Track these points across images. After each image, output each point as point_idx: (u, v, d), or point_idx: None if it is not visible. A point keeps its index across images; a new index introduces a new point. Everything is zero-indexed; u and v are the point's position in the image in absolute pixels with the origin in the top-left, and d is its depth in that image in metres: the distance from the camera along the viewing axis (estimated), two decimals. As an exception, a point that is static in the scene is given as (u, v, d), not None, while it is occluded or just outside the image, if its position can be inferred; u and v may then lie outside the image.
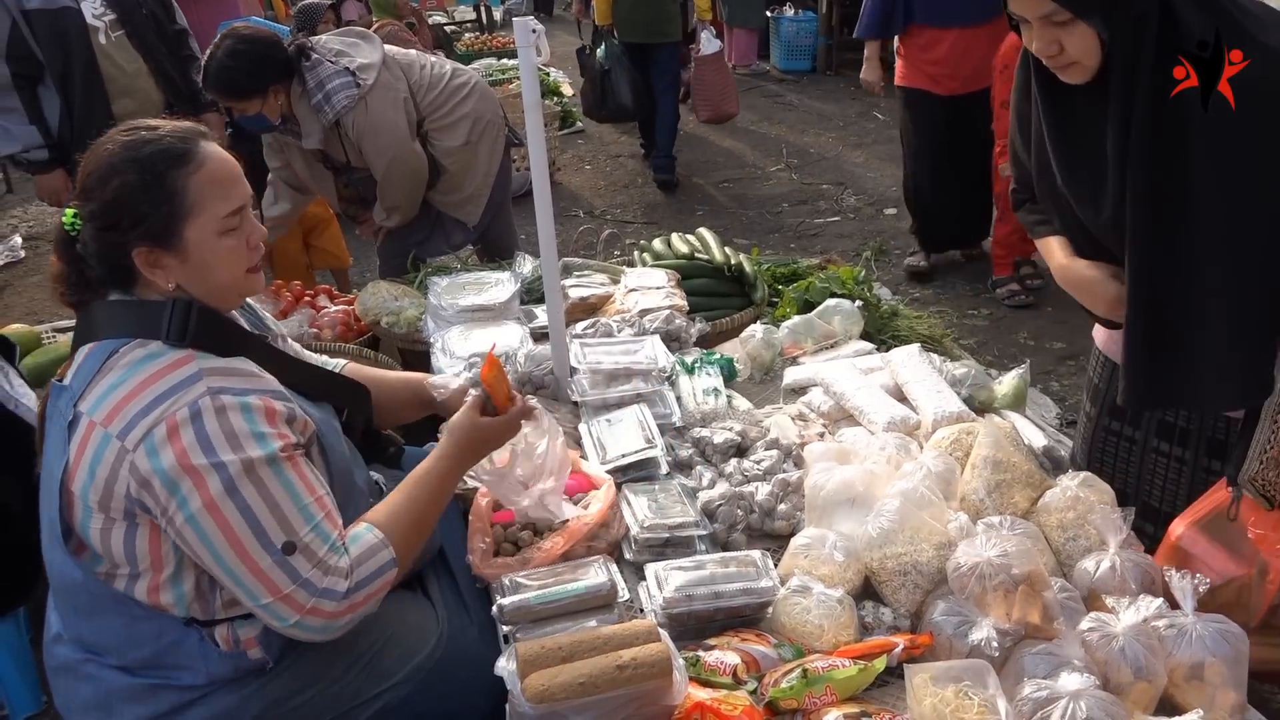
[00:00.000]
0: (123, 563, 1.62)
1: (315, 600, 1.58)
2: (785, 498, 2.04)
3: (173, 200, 1.62)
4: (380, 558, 1.67)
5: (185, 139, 1.66)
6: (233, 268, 1.70)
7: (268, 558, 1.56)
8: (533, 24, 2.15)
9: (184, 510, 1.54)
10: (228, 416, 1.56)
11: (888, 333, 3.16)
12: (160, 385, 1.56)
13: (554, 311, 2.43)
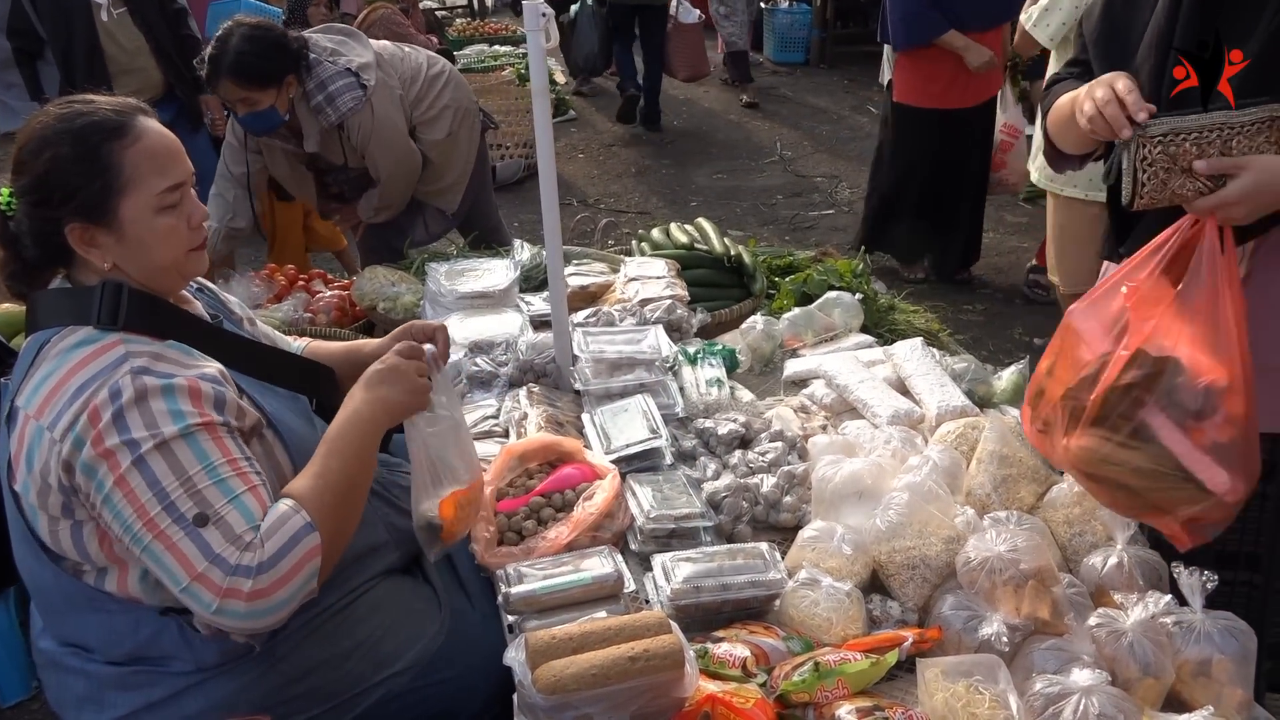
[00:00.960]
0: (81, 559, 1.59)
1: (230, 580, 1.47)
2: (790, 490, 2.03)
3: (106, 174, 1.56)
4: (291, 525, 1.53)
5: (122, 112, 1.61)
6: (172, 247, 1.64)
7: (178, 530, 1.47)
8: (543, 7, 2.12)
9: (99, 492, 1.49)
10: (147, 398, 1.50)
11: (885, 326, 3.16)
12: (86, 372, 1.52)
13: (557, 299, 2.41)
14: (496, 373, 2.47)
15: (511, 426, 2.25)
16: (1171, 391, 1.58)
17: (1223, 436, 1.56)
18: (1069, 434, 1.68)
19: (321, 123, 3.49)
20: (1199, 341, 1.58)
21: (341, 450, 1.65)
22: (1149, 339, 1.60)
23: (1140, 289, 1.64)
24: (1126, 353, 1.61)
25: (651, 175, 7.22)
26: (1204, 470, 1.57)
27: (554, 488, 2.00)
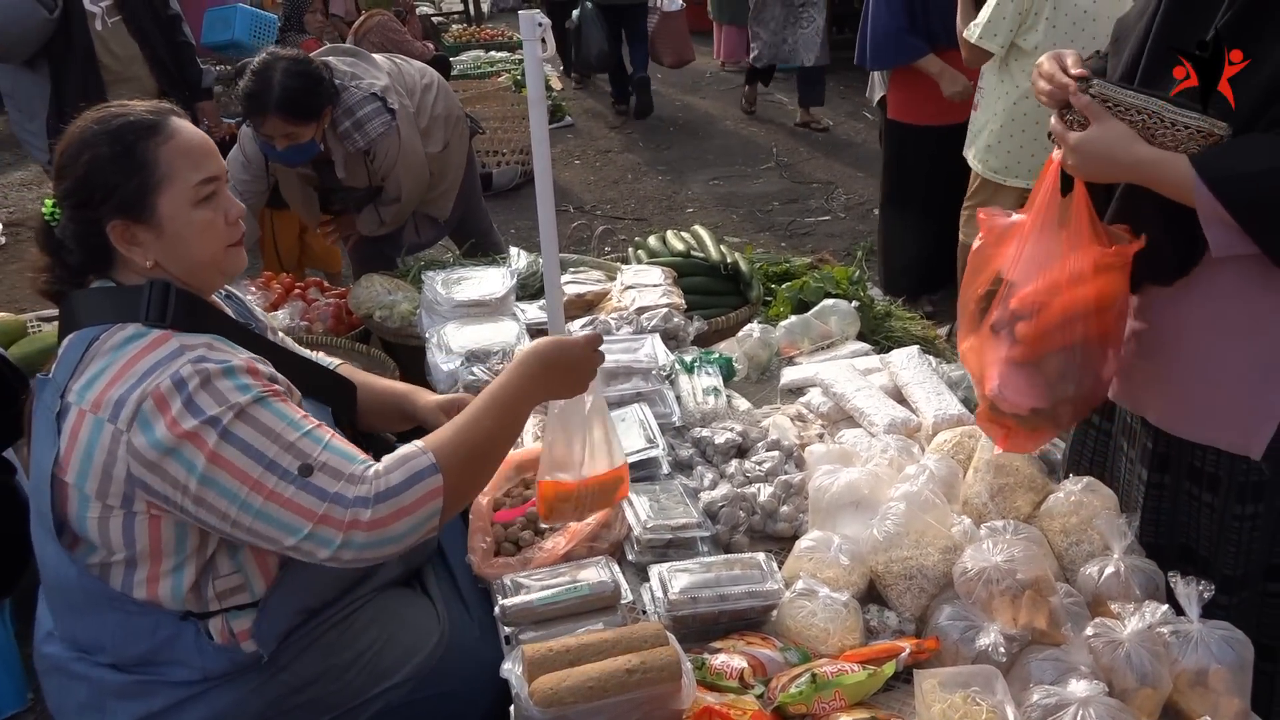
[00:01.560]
0: (120, 550, 1.60)
1: (352, 511, 1.52)
2: (787, 499, 2.03)
3: (143, 170, 1.61)
4: (415, 463, 1.57)
5: (155, 112, 1.67)
6: (210, 242, 1.68)
7: (290, 486, 1.52)
8: (539, 17, 2.12)
9: (194, 474, 1.51)
10: (212, 380, 1.54)
11: (881, 333, 3.16)
12: (144, 364, 1.55)
13: (554, 307, 2.40)
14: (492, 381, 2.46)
15: (508, 436, 2.24)
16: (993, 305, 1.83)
17: (1013, 354, 1.81)
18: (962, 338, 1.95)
19: (348, 148, 3.48)
20: (1021, 268, 1.80)
21: (492, 410, 1.68)
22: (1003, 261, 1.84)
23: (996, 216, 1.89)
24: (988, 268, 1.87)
25: (648, 181, 7.22)
26: (987, 374, 1.85)
27: (551, 498, 1.99)
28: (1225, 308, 1.77)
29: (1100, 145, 1.69)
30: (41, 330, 3.46)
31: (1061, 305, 1.74)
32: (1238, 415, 1.80)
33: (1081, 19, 3.67)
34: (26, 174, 7.19)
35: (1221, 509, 1.87)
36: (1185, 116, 1.63)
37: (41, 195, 6.55)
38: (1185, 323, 1.82)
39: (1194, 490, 1.90)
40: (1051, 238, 1.77)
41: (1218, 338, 1.79)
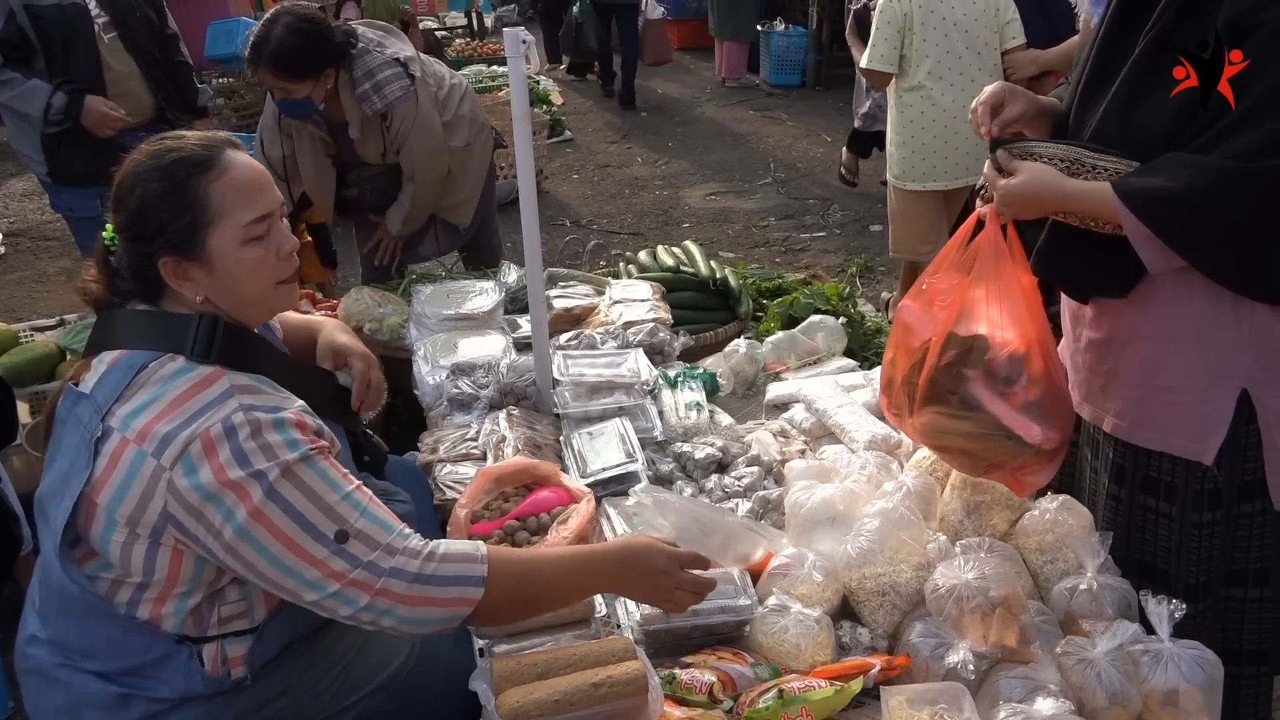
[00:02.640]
0: (137, 575, 1.59)
1: (384, 580, 1.52)
2: (765, 515, 2.04)
3: (194, 208, 1.60)
4: (470, 568, 1.56)
5: (209, 146, 1.65)
6: (260, 280, 1.67)
7: (323, 549, 1.52)
8: (523, 34, 2.15)
9: (231, 523, 1.51)
10: (261, 430, 1.53)
11: (870, 349, 3.17)
12: (193, 403, 1.54)
13: (538, 323, 2.43)
14: (477, 395, 2.47)
15: (490, 449, 2.25)
16: (984, 364, 1.81)
17: (1031, 395, 1.81)
18: (913, 413, 1.90)
19: (365, 110, 3.50)
20: (997, 319, 1.82)
21: (561, 564, 1.65)
22: (956, 323, 1.83)
23: (938, 284, 1.90)
24: (937, 339, 1.84)
25: (645, 196, 7.25)
26: (1020, 427, 1.80)
27: (529, 511, 2.00)
28: (1171, 314, 1.81)
29: (1029, 189, 1.79)
30: (34, 340, 3.47)
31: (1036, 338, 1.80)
32: (1189, 421, 1.83)
33: (952, 31, 4.02)
34: (27, 184, 7.22)
35: (1180, 518, 1.89)
36: (1104, 160, 1.74)
37: (41, 205, 6.58)
38: (1135, 331, 1.86)
39: (1149, 502, 1.92)
40: (1001, 282, 1.83)
41: (1166, 344, 1.83)
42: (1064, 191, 1.76)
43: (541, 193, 7.17)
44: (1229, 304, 1.76)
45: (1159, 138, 1.70)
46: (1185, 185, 1.63)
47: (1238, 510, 1.88)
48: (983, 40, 4.09)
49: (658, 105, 9.65)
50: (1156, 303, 1.81)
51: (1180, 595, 1.87)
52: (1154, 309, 1.82)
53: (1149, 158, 1.71)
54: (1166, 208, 1.65)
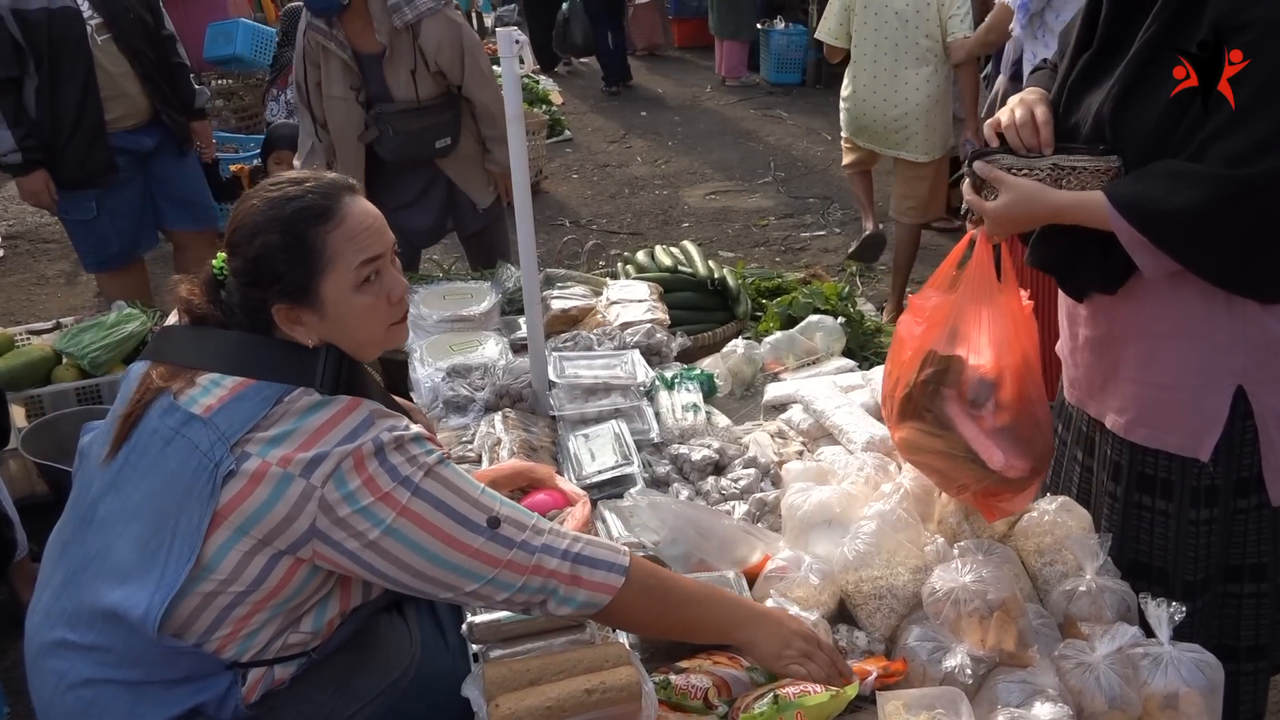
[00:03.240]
0: (243, 584, 1.57)
1: (538, 557, 1.58)
2: (762, 517, 2.02)
3: (310, 258, 1.60)
4: (614, 555, 1.63)
5: (329, 194, 1.64)
6: (372, 325, 1.68)
7: (478, 538, 1.56)
8: (516, 34, 2.13)
9: (380, 526, 1.53)
10: (405, 446, 1.58)
11: (870, 349, 3.16)
12: (341, 429, 1.56)
13: (533, 324, 2.41)
14: (473, 397, 2.46)
15: (485, 452, 2.24)
16: (959, 384, 1.80)
17: (999, 421, 1.79)
18: (895, 426, 1.91)
19: (395, 22, 3.51)
20: (976, 341, 1.80)
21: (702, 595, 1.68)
22: (937, 341, 1.82)
23: (924, 302, 1.88)
24: (915, 356, 1.83)
25: (645, 195, 7.23)
26: (984, 450, 1.78)
27: (524, 514, 1.99)
28: (1164, 311, 1.80)
29: (1017, 208, 1.77)
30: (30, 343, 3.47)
31: (1013, 365, 1.79)
32: (1184, 417, 1.83)
33: (892, 19, 4.44)
34: (27, 186, 7.22)
35: (1177, 515, 1.89)
36: (1081, 160, 1.74)
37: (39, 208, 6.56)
38: (1131, 327, 1.86)
39: (1145, 500, 1.92)
40: (987, 306, 1.81)
41: (1161, 341, 1.82)
42: (1054, 205, 1.75)
43: (541, 193, 7.18)
44: (1222, 301, 1.75)
45: (1149, 139, 1.69)
46: (1185, 201, 1.61)
47: (1234, 506, 1.88)
48: (922, 31, 4.40)
49: (657, 104, 9.63)
50: (1150, 299, 1.80)
51: (1178, 593, 1.87)
52: (1148, 306, 1.81)
53: (1141, 159, 1.69)
54: (1164, 221, 1.64)
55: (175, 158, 4.11)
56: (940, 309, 1.84)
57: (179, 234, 4.39)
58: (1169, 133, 1.68)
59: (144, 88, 3.86)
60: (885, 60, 4.48)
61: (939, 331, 1.82)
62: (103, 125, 3.70)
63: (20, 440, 3.07)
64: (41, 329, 3.69)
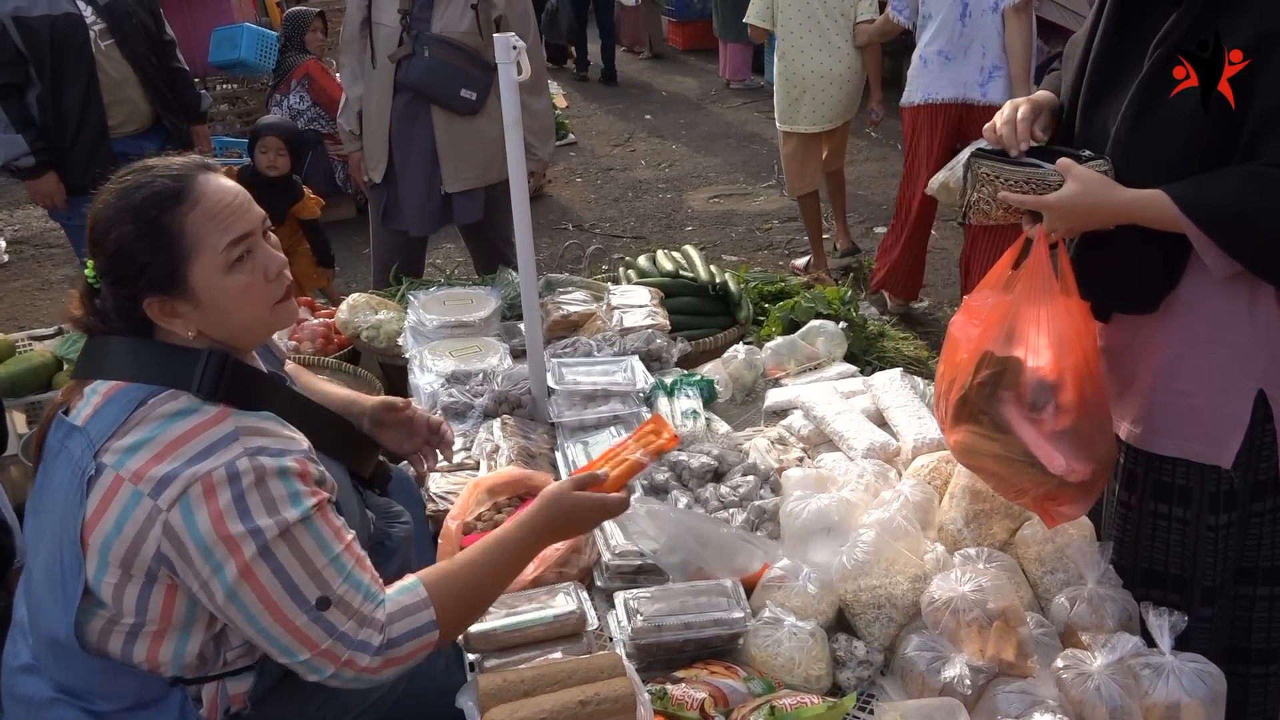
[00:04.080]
0: (130, 615, 1.55)
1: (351, 653, 1.50)
2: (761, 525, 2.01)
3: (171, 244, 1.53)
4: (418, 618, 1.55)
5: (179, 177, 1.56)
6: (251, 306, 1.60)
7: (303, 616, 1.48)
8: (513, 40, 2.12)
9: (220, 579, 1.47)
10: (265, 479, 1.49)
11: (873, 354, 3.14)
12: (196, 444, 1.49)
13: (532, 331, 2.41)
14: (472, 403, 2.45)
15: (483, 459, 2.23)
16: (1017, 387, 1.74)
17: (1059, 424, 1.72)
18: (950, 429, 1.85)
19: None
20: (1035, 343, 1.74)
21: (501, 561, 1.64)
22: (994, 342, 1.77)
23: (980, 303, 1.84)
24: (970, 359, 1.78)
25: (648, 199, 7.22)
26: (1045, 455, 1.72)
27: (522, 522, 1.98)
28: (1188, 319, 1.79)
29: (1084, 200, 1.70)
30: (31, 349, 3.46)
31: (1073, 366, 1.73)
32: (1207, 424, 1.81)
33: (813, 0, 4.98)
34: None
35: (1195, 521, 1.87)
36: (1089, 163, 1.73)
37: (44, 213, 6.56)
38: (1151, 337, 1.84)
39: (1160, 509, 1.90)
40: (1046, 305, 1.75)
41: (1183, 349, 1.81)
42: (1120, 202, 1.70)
43: (544, 196, 7.17)
44: (1245, 305, 1.75)
45: (1177, 153, 1.68)
46: (1257, 201, 1.61)
47: (1250, 509, 1.87)
48: (839, 11, 5.02)
49: (661, 107, 9.62)
50: (1176, 308, 1.79)
51: (1197, 600, 1.85)
52: (1173, 315, 1.80)
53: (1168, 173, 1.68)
54: (1232, 224, 1.64)
55: None
56: (997, 309, 1.78)
57: None
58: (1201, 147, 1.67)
59: (146, 93, 3.87)
60: (810, 37, 5.03)
61: (995, 332, 1.77)
62: (105, 130, 3.71)
63: (20, 446, 3.06)
64: (43, 335, 3.68)
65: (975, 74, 4.37)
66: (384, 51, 3.77)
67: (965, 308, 1.88)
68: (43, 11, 3.56)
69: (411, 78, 3.77)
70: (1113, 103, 1.77)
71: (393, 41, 3.76)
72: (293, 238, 4.59)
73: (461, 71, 3.72)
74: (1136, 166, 1.71)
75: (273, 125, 4.53)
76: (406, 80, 3.78)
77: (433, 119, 3.83)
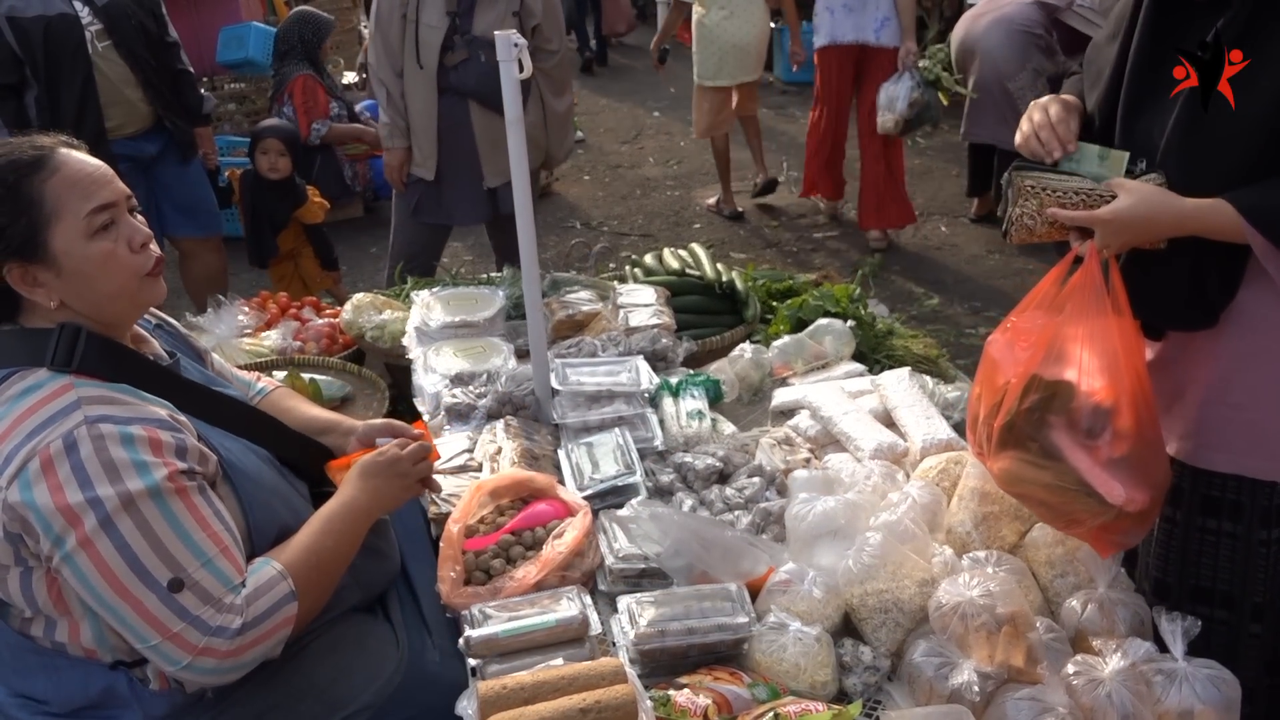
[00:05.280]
0: (26, 607, 1.55)
1: (207, 640, 1.48)
2: (767, 528, 1.98)
3: (30, 209, 1.55)
4: (277, 591, 1.58)
5: (40, 147, 1.61)
6: (114, 273, 1.61)
7: (152, 596, 1.47)
8: (515, 38, 2.10)
9: (60, 550, 1.46)
10: (106, 447, 1.47)
11: (882, 352, 3.11)
12: (37, 417, 1.49)
13: (535, 331, 2.38)
14: (475, 404, 2.43)
15: (486, 460, 2.21)
16: (1069, 412, 1.66)
17: (1116, 451, 1.65)
18: (993, 456, 1.76)
19: None
20: (1087, 365, 1.66)
21: (336, 530, 1.72)
22: (1042, 365, 1.68)
23: (1024, 323, 1.75)
24: (1018, 382, 1.69)
25: (656, 197, 7.20)
26: (1102, 484, 1.64)
27: (524, 525, 1.96)
28: (1247, 331, 1.74)
29: (1139, 212, 1.64)
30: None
31: (1129, 390, 1.66)
32: (1265, 440, 1.77)
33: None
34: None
35: (1245, 536, 1.83)
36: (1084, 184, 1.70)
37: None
38: (1202, 353, 1.79)
39: (1209, 524, 1.86)
40: (1097, 326, 1.68)
41: (1239, 362, 1.76)
42: (1180, 212, 1.63)
43: (552, 194, 7.15)
44: None
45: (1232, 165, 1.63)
46: None
47: None
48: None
49: (670, 104, 9.58)
50: (1233, 322, 1.74)
51: (1248, 616, 1.83)
52: (1229, 328, 1.75)
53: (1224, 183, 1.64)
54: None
55: (179, 164, 4.10)
56: (1045, 331, 1.70)
57: (184, 241, 4.38)
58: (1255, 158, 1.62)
59: (145, 94, 3.86)
60: (733, 7, 5.97)
61: (1044, 355, 1.68)
62: (103, 132, 3.70)
63: None
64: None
65: (872, 22, 5.50)
66: (428, 52, 3.79)
67: (1012, 329, 1.79)
68: (37, 12, 3.56)
69: (468, 82, 3.83)
70: (1157, 113, 1.71)
71: (435, 42, 3.78)
72: (297, 241, 4.59)
73: None
74: (1190, 177, 1.66)
75: (271, 128, 4.54)
76: (461, 84, 3.84)
77: (471, 116, 3.87)
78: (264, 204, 4.46)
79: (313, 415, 2.05)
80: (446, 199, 4.03)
